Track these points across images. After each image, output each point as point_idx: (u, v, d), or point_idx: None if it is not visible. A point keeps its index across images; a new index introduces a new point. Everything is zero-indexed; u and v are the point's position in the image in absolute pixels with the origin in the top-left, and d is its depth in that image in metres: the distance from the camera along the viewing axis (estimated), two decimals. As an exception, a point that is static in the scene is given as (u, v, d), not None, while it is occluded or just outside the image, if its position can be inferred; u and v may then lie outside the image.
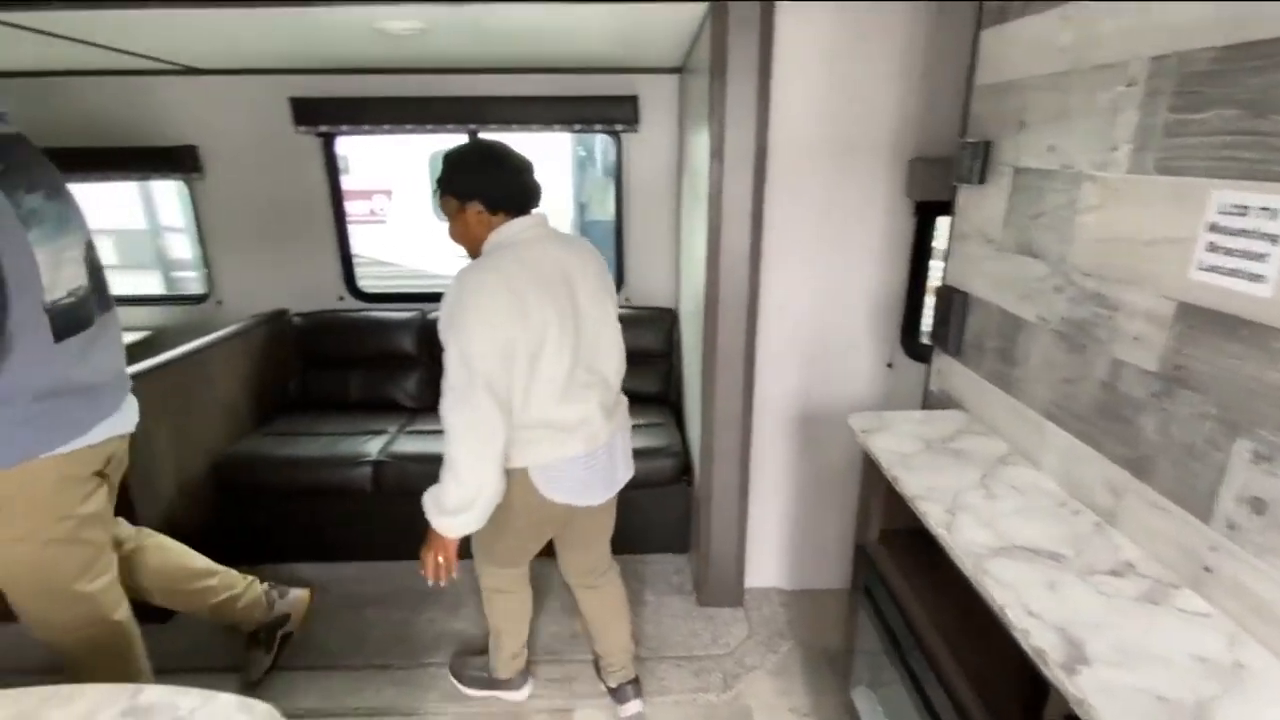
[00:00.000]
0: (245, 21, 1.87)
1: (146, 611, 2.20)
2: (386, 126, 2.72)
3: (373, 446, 2.49)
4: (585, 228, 6.62)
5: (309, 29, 2.01)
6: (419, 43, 2.19)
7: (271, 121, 2.74)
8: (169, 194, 5.72)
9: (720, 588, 2.27)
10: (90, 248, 1.49)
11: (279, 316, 2.95)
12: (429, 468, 1.45)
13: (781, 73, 1.80)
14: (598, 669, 1.95)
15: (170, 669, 2.00)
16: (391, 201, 9.32)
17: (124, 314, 3.03)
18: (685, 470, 2.46)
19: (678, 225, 2.95)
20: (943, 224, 2.00)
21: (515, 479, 1.45)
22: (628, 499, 2.49)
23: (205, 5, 1.63)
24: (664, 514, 2.54)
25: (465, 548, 1.55)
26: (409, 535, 1.62)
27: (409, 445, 2.52)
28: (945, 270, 1.58)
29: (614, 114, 2.76)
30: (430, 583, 1.47)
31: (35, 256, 1.27)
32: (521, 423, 1.40)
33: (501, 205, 1.41)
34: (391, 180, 9.08)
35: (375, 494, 2.39)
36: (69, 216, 1.40)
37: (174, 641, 2.13)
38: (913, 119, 1.90)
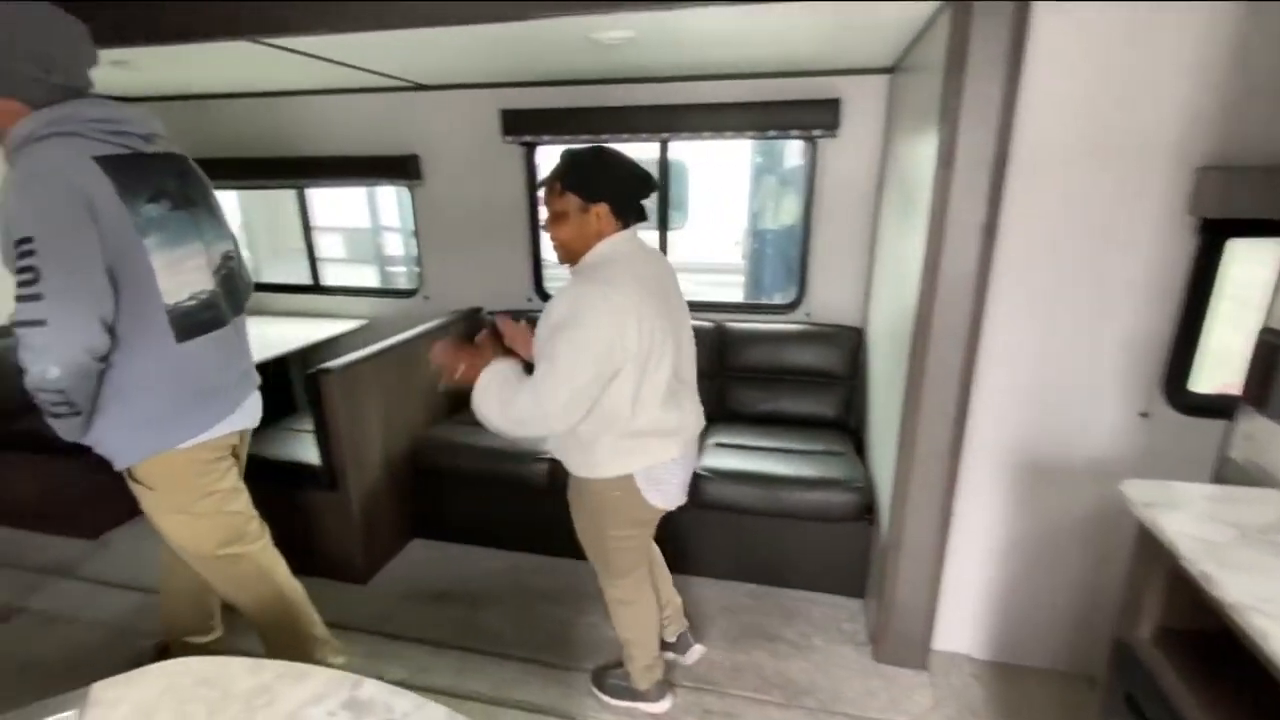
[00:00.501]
0: (473, 39, 2.00)
1: (345, 572, 2.48)
2: (584, 136, 2.80)
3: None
4: (755, 237, 6.46)
5: (525, 43, 2.11)
6: (622, 52, 2.21)
7: (482, 132, 2.95)
8: (388, 197, 6.51)
9: (902, 645, 2.02)
10: (229, 256, 1.60)
11: (475, 313, 3.16)
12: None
13: (1033, 69, 1.55)
14: None
15: (363, 629, 2.22)
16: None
17: (347, 303, 3.48)
18: (868, 508, 2.24)
19: (872, 238, 2.72)
20: (1240, 248, 1.61)
21: (620, 486, 1.53)
22: (798, 531, 2.35)
23: (455, 23, 1.74)
24: (838, 552, 2.34)
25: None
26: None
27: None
28: (1271, 311, 1.24)
29: (812, 119, 2.60)
30: (434, 365, 1.53)
31: (151, 261, 1.35)
32: (628, 431, 1.46)
33: (625, 213, 1.45)
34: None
35: (549, 490, 2.46)
36: (194, 228, 1.48)
37: (366, 605, 2.35)
38: (1205, 119, 1.54)
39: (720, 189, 8.28)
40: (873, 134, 2.62)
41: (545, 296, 3.24)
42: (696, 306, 3.07)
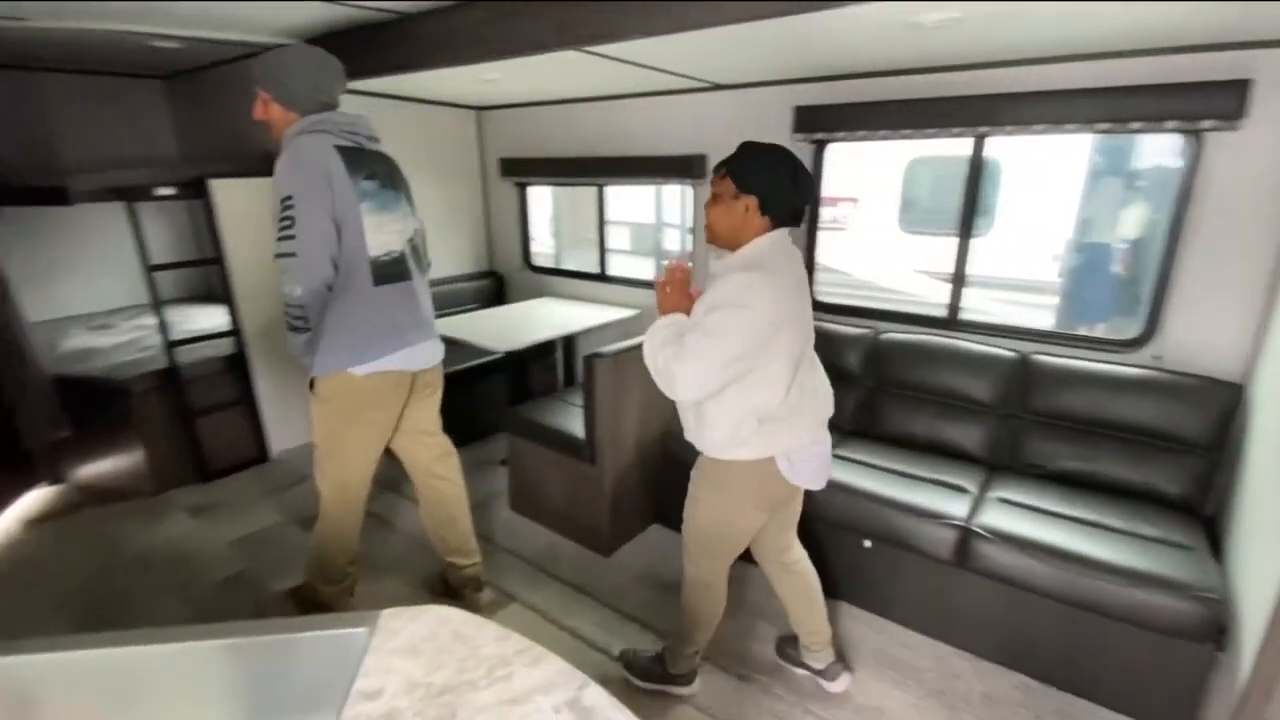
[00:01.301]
0: (781, 32, 1.93)
1: (592, 541, 2.66)
2: (883, 132, 2.57)
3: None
4: (1082, 251, 5.34)
5: (835, 36, 1.97)
6: (941, 36, 1.94)
7: (771, 130, 2.88)
8: (672, 195, 6.90)
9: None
10: (417, 233, 2.02)
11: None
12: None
13: None
14: (786, 652, 2.06)
15: (600, 599, 2.37)
16: (856, 209, 9.32)
17: (625, 293, 3.75)
18: (1219, 628, 1.66)
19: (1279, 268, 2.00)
20: None
21: (760, 468, 1.57)
22: (1100, 630, 1.84)
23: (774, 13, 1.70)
24: (1156, 672, 1.80)
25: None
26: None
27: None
28: None
29: (1202, 106, 1.99)
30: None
31: (363, 222, 1.78)
32: (775, 415, 1.52)
33: (775, 212, 1.49)
34: (859, 188, 9.05)
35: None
36: (395, 204, 1.91)
37: (606, 576, 2.50)
38: None
39: (1037, 192, 7.04)
40: (1301, 125, 1.91)
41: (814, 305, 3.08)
42: (993, 330, 2.63)
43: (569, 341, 3.77)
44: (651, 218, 6.83)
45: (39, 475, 3.04)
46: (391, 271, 1.89)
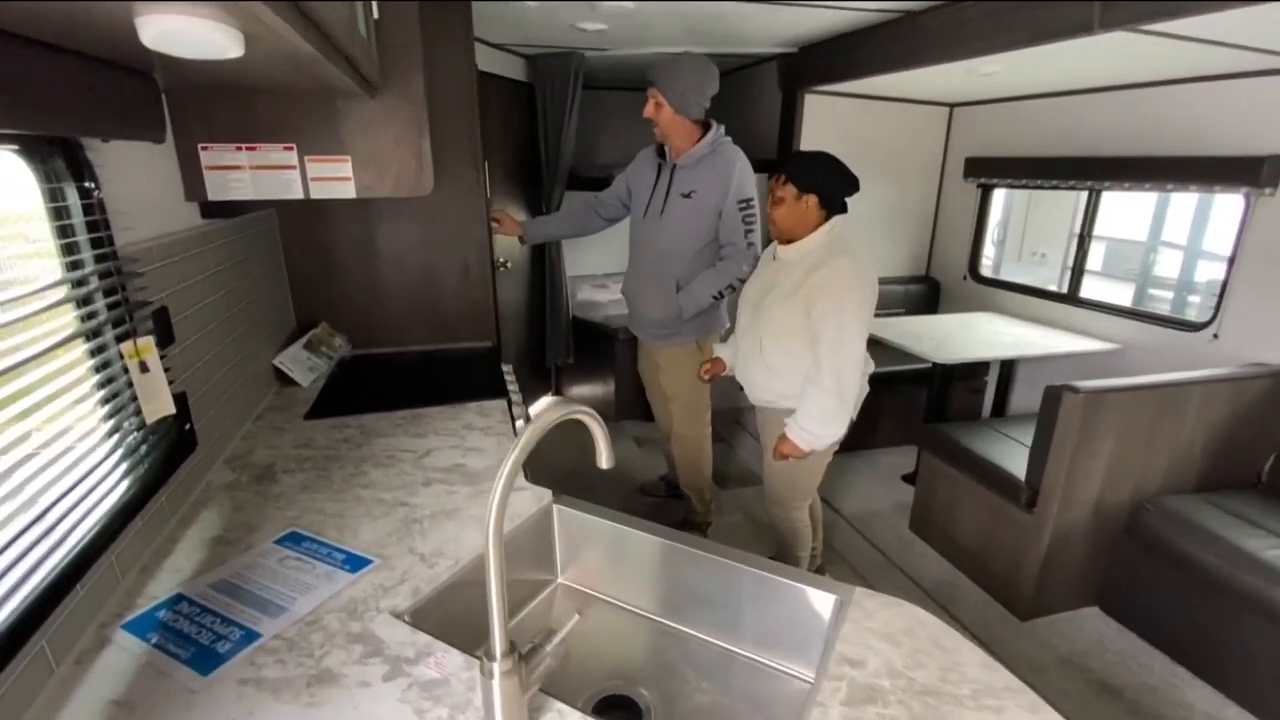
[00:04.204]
0: None
1: (1007, 597, 2.32)
2: None
3: None
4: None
5: None
6: None
7: None
8: (1181, 206, 5.35)
9: None
10: None
11: (1285, 373, 2.28)
12: None
13: None
14: None
15: (1008, 666, 2.05)
16: None
17: (1097, 320, 3.09)
18: None
19: None
20: None
21: None
22: None
23: None
24: None
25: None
26: None
27: None
28: None
29: None
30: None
31: None
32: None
33: (831, 205, 1.78)
34: None
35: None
36: None
37: (1017, 643, 2.15)
38: None
39: None
40: None
41: None
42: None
43: (1007, 366, 3.32)
44: (1142, 234, 5.42)
45: (550, 387, 4.15)
46: None
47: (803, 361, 1.80)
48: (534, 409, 3.74)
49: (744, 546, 1.10)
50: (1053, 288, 3.45)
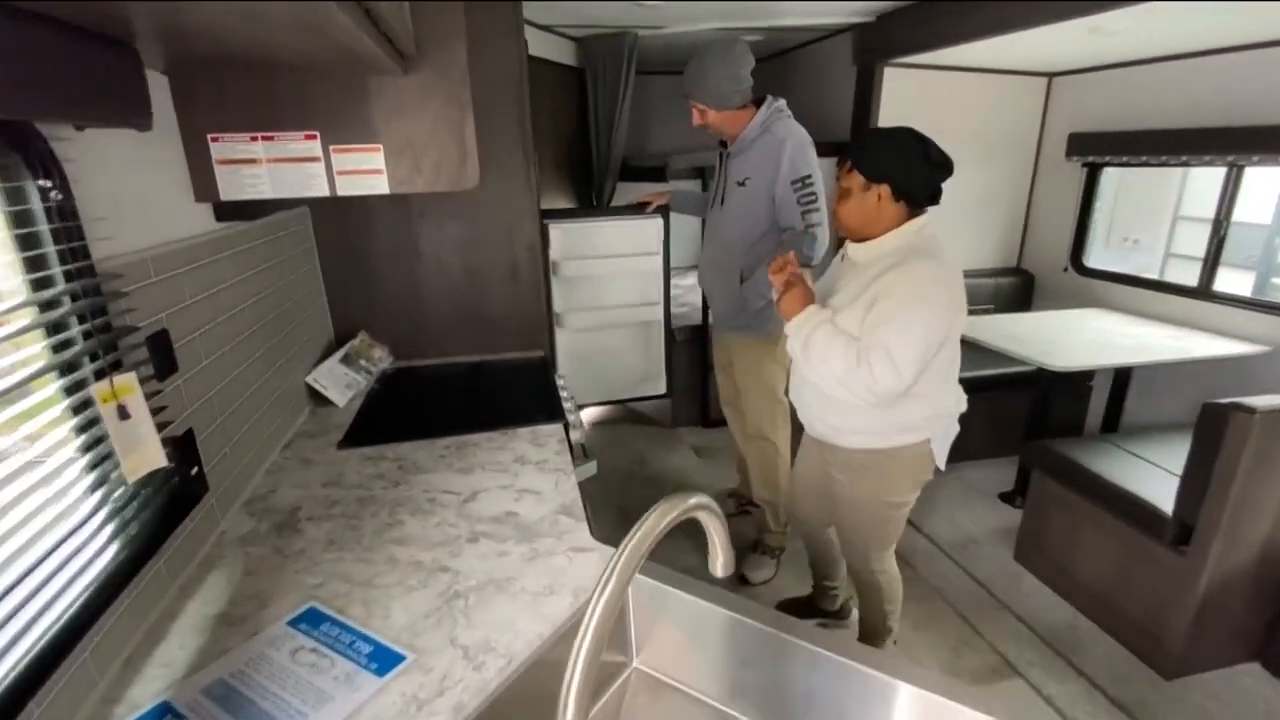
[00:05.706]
0: None
1: (1146, 650, 1.96)
2: None
3: None
4: None
5: None
6: None
7: None
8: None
9: None
10: None
11: None
12: None
13: None
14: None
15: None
16: None
17: (1233, 317, 2.66)
18: None
19: None
20: None
21: (919, 451, 1.52)
22: None
23: None
24: None
25: None
26: None
27: None
28: None
29: None
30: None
31: None
32: (941, 404, 1.49)
33: (911, 197, 1.40)
34: None
35: None
36: None
37: (1158, 702, 1.80)
38: None
39: None
40: None
41: None
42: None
43: (1122, 372, 2.91)
44: (1260, 216, 4.79)
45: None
46: None
47: (916, 390, 1.43)
48: (631, 537, 3.53)
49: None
50: (1151, 275, 3.01)
